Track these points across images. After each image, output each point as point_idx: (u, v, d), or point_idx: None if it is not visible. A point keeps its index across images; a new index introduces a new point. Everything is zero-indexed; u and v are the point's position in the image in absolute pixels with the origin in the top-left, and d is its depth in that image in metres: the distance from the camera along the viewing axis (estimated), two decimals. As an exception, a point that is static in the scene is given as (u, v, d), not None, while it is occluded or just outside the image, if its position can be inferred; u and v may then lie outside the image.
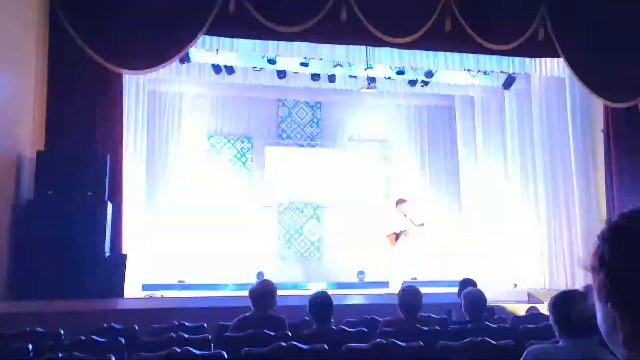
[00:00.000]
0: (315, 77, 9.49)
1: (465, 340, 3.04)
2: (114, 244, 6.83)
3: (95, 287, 6.25)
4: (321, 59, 8.60)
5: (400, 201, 9.18)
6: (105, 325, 3.85)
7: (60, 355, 2.66)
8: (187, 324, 3.99)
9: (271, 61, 8.69)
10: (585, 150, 8.23)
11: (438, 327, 3.61)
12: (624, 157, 7.49)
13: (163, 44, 6.83)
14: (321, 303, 3.39)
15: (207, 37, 7.51)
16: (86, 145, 6.79)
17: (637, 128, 7.37)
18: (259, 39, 7.56)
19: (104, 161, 6.67)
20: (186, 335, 3.39)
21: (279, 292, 4.08)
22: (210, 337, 3.50)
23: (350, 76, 9.37)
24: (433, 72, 9.24)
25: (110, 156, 6.78)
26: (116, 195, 7.00)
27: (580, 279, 8.00)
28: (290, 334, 3.30)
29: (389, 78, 9.43)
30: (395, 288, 7.30)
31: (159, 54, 6.87)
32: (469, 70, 8.86)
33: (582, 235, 8.08)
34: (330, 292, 3.82)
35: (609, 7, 7.36)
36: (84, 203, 6.46)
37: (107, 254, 6.60)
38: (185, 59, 8.23)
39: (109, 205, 6.71)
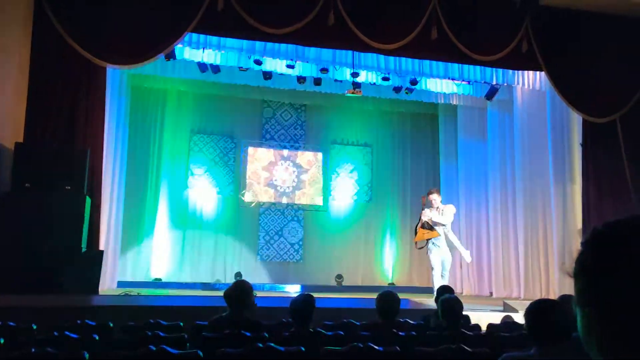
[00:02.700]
0: (301, 79, 9.49)
1: (441, 347, 3.07)
2: (91, 239, 6.74)
3: (70, 283, 6.16)
4: (307, 61, 8.62)
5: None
6: (79, 321, 3.79)
7: (33, 350, 2.61)
8: (162, 322, 3.95)
9: (257, 62, 8.67)
10: (563, 162, 8.37)
11: (414, 333, 3.63)
12: (601, 171, 7.64)
13: (149, 40, 6.78)
14: (303, 305, 3.39)
15: (194, 35, 7.48)
16: (66, 138, 6.70)
17: (614, 142, 7.53)
18: (246, 39, 7.54)
19: (84, 155, 6.59)
20: (162, 334, 3.36)
21: (257, 294, 4.08)
22: (186, 336, 3.47)
23: (336, 80, 9.39)
24: (418, 79, 9.32)
25: (90, 151, 6.70)
26: (95, 191, 6.91)
27: (554, 288, 8.12)
28: (267, 336, 3.29)
29: (374, 84, 9.48)
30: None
31: (145, 50, 6.81)
32: (453, 79, 8.96)
33: (558, 246, 8.20)
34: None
35: (591, 25, 7.52)
36: (62, 197, 6.36)
37: (84, 250, 6.51)
38: (171, 56, 8.17)
39: (87, 201, 6.62)
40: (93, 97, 6.95)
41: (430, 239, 7.65)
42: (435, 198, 7.98)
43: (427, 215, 7.76)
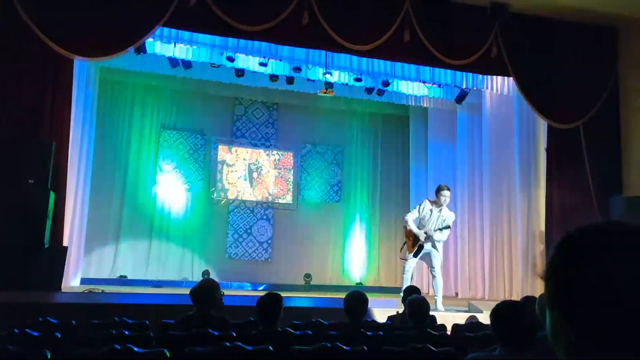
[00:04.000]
0: (273, 77, 9.46)
1: (407, 347, 3.10)
2: (55, 235, 6.57)
3: (32, 279, 6.00)
4: (280, 60, 8.59)
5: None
6: (40, 319, 3.70)
7: (-8, 348, 2.54)
8: (128, 320, 3.89)
9: (230, 59, 8.60)
10: (529, 166, 8.56)
11: (382, 332, 3.66)
12: (564, 175, 7.85)
13: (119, 32, 6.63)
14: (271, 304, 3.38)
15: (166, 29, 7.36)
16: (31, 131, 6.50)
17: (578, 148, 7.73)
18: (219, 35, 7.47)
19: (49, 149, 6.42)
20: (127, 333, 3.31)
21: (225, 292, 4.05)
22: (152, 334, 3.42)
23: (309, 80, 9.39)
24: (390, 81, 9.40)
25: (55, 144, 6.53)
26: (60, 185, 6.74)
27: (518, 290, 8.31)
28: (234, 334, 3.27)
29: (346, 84, 9.52)
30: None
31: (115, 42, 6.67)
32: (424, 82, 9.07)
33: (522, 248, 8.39)
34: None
35: (558, 33, 7.71)
36: (25, 191, 6.19)
37: (47, 246, 6.34)
38: (141, 50, 8.03)
39: (51, 195, 6.46)
40: (59, 90, 6.76)
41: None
42: (447, 196, 6.81)
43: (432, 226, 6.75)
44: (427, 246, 6.79)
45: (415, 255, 6.82)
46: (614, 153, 7.83)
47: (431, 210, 6.76)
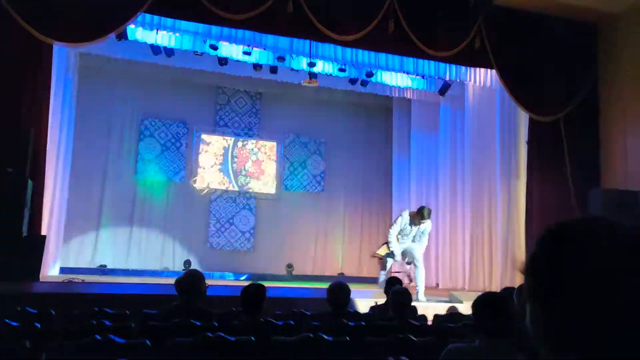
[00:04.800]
0: (257, 67, 9.39)
1: (389, 337, 3.13)
2: (33, 224, 6.47)
3: (10, 269, 5.89)
4: (264, 49, 8.52)
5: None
6: (19, 309, 3.65)
7: (-31, 339, 2.50)
8: (109, 311, 3.85)
9: (213, 47, 8.51)
10: (510, 158, 8.65)
11: (364, 323, 3.69)
12: (544, 168, 7.95)
13: (100, 18, 6.51)
14: (255, 294, 3.38)
15: (148, 15, 7.24)
16: (8, 119, 6.37)
17: (558, 141, 7.84)
18: (202, 22, 7.37)
19: (27, 136, 6.30)
20: (108, 323, 3.28)
21: (207, 282, 4.03)
22: (133, 325, 3.40)
23: (292, 69, 9.34)
24: (373, 72, 9.40)
25: (34, 131, 6.40)
26: (38, 173, 6.62)
27: (497, 280, 8.43)
28: (217, 325, 3.26)
29: (330, 75, 9.49)
30: None
31: (95, 28, 6.55)
32: (408, 73, 9.08)
33: (501, 240, 8.50)
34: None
35: (541, 27, 7.78)
36: (2, 179, 6.07)
37: (25, 234, 6.24)
38: (123, 36, 7.90)
39: (30, 183, 6.35)
40: (38, 76, 6.63)
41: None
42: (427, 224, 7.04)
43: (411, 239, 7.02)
44: (408, 245, 7.02)
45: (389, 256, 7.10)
46: (593, 146, 7.95)
47: (410, 225, 6.96)
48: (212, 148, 11.27)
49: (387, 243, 7.08)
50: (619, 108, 7.74)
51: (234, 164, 11.37)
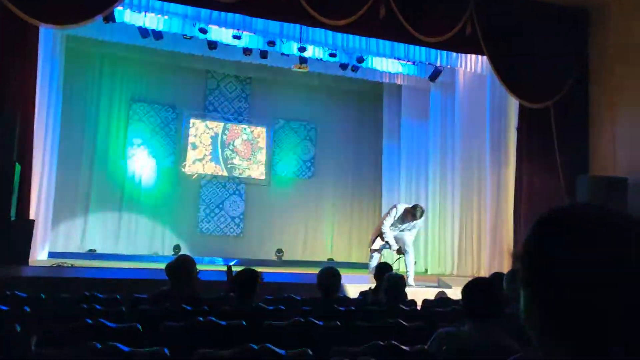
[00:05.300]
0: (247, 51, 9.30)
1: (379, 321, 3.16)
2: (21, 208, 6.42)
3: (-2, 253, 5.87)
4: (255, 33, 8.44)
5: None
6: (8, 292, 3.63)
7: (-41, 323, 2.48)
8: (99, 295, 3.85)
9: (202, 30, 8.41)
10: (499, 145, 8.69)
11: (354, 308, 3.72)
12: (534, 155, 8.00)
13: None
14: (250, 279, 3.39)
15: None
16: (-6, 101, 6.28)
17: (547, 128, 7.88)
18: (191, 5, 7.27)
19: (13, 120, 6.23)
20: (98, 307, 3.28)
21: (198, 268, 4.03)
22: (124, 309, 3.40)
23: (283, 54, 9.26)
24: (364, 57, 9.35)
25: (20, 114, 6.33)
26: (25, 157, 6.56)
27: (485, 266, 8.52)
28: (208, 310, 3.27)
29: (321, 60, 9.43)
30: None
31: (82, 9, 6.44)
32: (398, 58, 9.05)
33: (490, 225, 8.57)
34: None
35: (532, 13, 7.77)
36: (-11, 163, 6.01)
37: (13, 219, 6.20)
38: (110, 18, 7.77)
39: (17, 167, 6.28)
40: (24, 59, 6.53)
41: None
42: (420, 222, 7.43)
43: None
44: (398, 232, 7.29)
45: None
46: (583, 133, 8.01)
47: (402, 221, 7.26)
48: (201, 133, 11.20)
49: (380, 235, 7.29)
50: (608, 96, 7.79)
51: (224, 149, 11.31)
